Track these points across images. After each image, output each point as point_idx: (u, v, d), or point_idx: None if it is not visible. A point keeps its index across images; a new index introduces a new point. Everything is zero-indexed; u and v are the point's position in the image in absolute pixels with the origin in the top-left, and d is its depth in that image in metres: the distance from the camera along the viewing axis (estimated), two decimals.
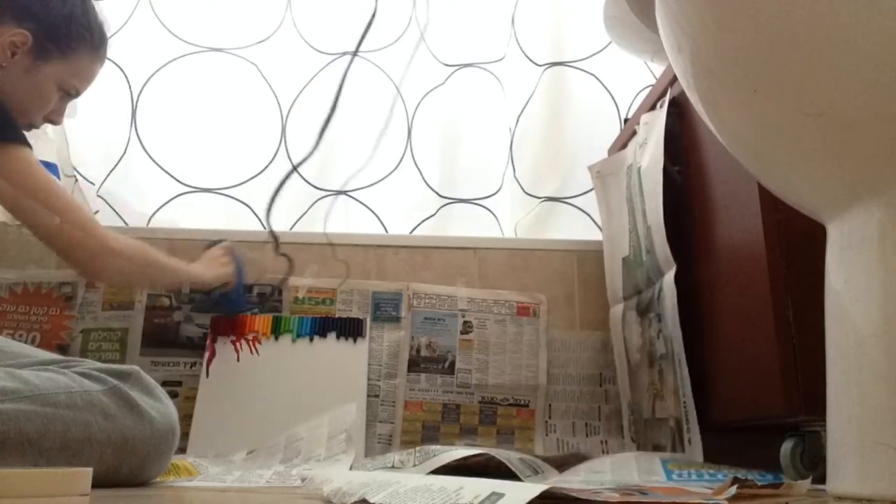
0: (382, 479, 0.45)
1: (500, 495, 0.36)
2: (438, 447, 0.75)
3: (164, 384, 1.09)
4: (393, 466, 0.76)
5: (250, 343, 1.17)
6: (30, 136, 0.90)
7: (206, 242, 1.20)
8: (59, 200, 0.86)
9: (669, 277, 0.94)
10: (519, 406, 1.20)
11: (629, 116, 1.32)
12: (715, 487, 0.56)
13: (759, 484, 0.49)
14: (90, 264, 0.89)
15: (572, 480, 0.80)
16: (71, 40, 0.92)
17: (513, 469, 0.74)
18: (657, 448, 0.98)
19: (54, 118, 0.97)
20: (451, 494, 0.38)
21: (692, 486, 0.72)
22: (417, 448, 0.76)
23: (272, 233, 1.13)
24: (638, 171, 1.04)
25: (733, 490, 0.45)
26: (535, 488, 0.36)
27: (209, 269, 1.12)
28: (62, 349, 1.16)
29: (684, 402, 0.90)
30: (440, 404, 1.19)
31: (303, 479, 0.57)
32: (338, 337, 1.19)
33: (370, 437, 1.15)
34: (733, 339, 0.84)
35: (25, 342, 1.13)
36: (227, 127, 1.34)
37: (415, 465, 0.74)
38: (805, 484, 0.50)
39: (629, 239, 1.09)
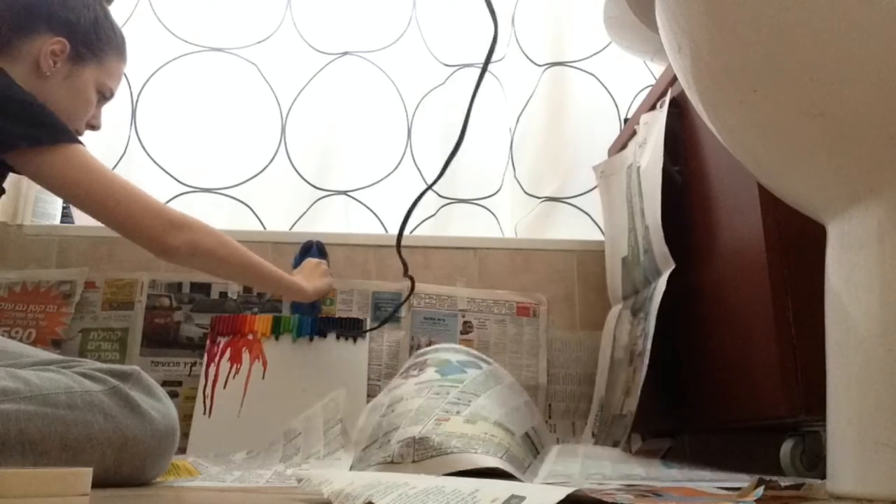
0: (389, 480, 0.44)
1: (521, 498, 0.35)
2: (436, 440, 0.75)
3: (164, 384, 1.09)
4: (393, 461, 0.76)
5: (251, 352, 1.17)
6: None
7: (302, 244, 1.22)
8: (122, 189, 0.88)
9: (664, 276, 0.94)
10: None
11: (629, 116, 1.32)
12: (719, 487, 0.56)
13: (783, 485, 0.48)
14: (161, 240, 0.89)
15: (572, 471, 0.80)
16: (101, 43, 0.96)
17: (510, 472, 0.74)
18: (615, 444, 0.99)
19: (94, 123, 0.99)
20: (465, 497, 0.37)
21: (703, 478, 0.71)
22: (417, 439, 0.75)
23: (402, 259, 1.10)
24: (637, 170, 1.04)
25: (760, 492, 0.45)
26: (556, 491, 0.36)
27: (310, 282, 1.11)
28: (56, 344, 1.16)
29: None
30: None
31: (299, 481, 0.57)
32: (338, 337, 1.19)
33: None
34: (733, 339, 0.84)
35: (21, 339, 1.14)
36: (227, 127, 1.34)
37: (414, 461, 0.74)
38: (825, 484, 0.50)
39: (628, 239, 1.09)
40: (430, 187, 0.99)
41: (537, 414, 1.03)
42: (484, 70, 0.80)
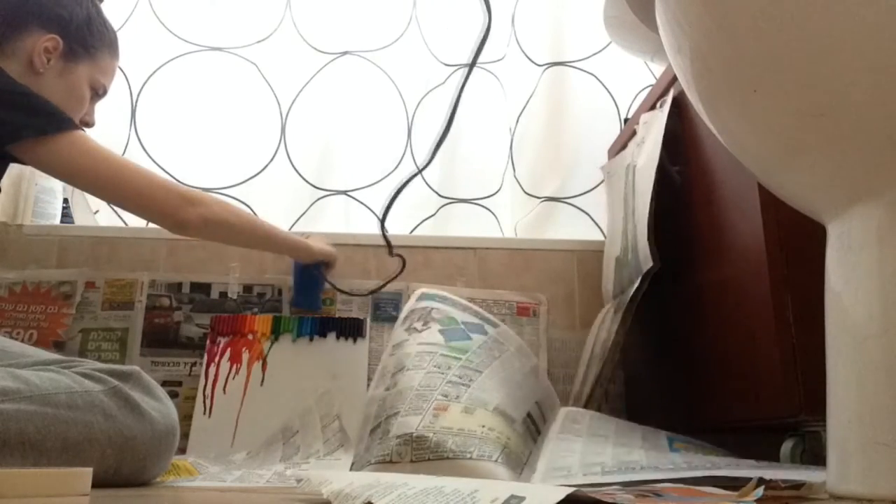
0: (388, 480, 0.44)
1: (521, 498, 0.35)
2: (434, 439, 0.75)
3: (164, 384, 1.09)
4: (391, 460, 0.76)
5: (251, 352, 1.17)
6: None
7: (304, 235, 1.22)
8: (130, 169, 0.93)
9: (642, 274, 0.95)
10: None
11: (629, 116, 1.32)
12: (720, 483, 0.56)
13: (784, 485, 0.48)
14: (177, 215, 0.94)
15: (571, 463, 0.78)
16: (94, 39, 0.97)
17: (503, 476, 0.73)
18: None
19: (88, 120, 1.01)
20: (465, 497, 0.37)
21: (702, 465, 0.71)
22: (415, 437, 0.75)
23: (385, 237, 1.15)
24: (634, 169, 1.04)
25: (760, 492, 0.45)
26: (555, 492, 0.36)
27: (316, 244, 1.16)
28: (58, 346, 1.16)
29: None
30: None
31: (298, 481, 0.57)
32: (338, 337, 1.19)
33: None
34: (733, 339, 0.84)
35: (23, 339, 1.14)
36: (227, 127, 1.34)
37: (412, 461, 0.74)
38: (824, 484, 0.50)
39: (622, 238, 1.09)
40: (418, 172, 1.01)
41: (543, 379, 1.01)
42: (475, 59, 0.82)
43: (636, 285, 0.96)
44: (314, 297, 1.20)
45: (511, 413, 0.84)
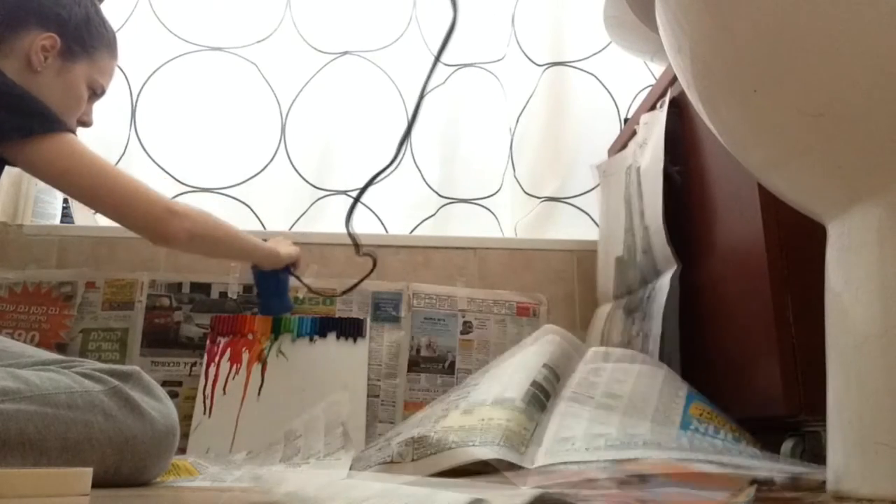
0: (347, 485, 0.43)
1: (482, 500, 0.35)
2: (435, 437, 0.75)
3: (164, 384, 1.09)
4: (392, 461, 0.75)
5: (251, 353, 1.16)
6: None
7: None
8: (115, 177, 0.90)
9: (666, 278, 0.94)
10: None
11: (629, 116, 1.32)
12: (720, 469, 0.56)
13: (779, 485, 0.48)
14: (160, 228, 0.91)
15: (576, 433, 0.76)
16: (92, 39, 0.96)
17: (508, 459, 0.73)
18: None
19: (86, 119, 1.00)
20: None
21: (704, 449, 0.70)
22: (416, 438, 0.75)
23: (351, 235, 1.13)
24: (637, 171, 1.04)
25: (752, 493, 0.45)
26: (522, 494, 0.35)
27: (281, 247, 1.13)
28: (61, 348, 1.16)
29: None
30: None
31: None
32: (338, 337, 1.19)
33: (370, 437, 1.15)
34: (733, 339, 0.84)
35: (25, 341, 1.14)
36: (227, 126, 1.34)
37: (413, 460, 0.74)
38: (824, 484, 0.50)
39: (625, 239, 1.09)
40: (385, 167, 1.04)
41: (556, 342, 0.97)
42: (439, 53, 0.84)
43: (664, 290, 0.93)
44: (286, 298, 1.19)
45: (511, 395, 0.82)
